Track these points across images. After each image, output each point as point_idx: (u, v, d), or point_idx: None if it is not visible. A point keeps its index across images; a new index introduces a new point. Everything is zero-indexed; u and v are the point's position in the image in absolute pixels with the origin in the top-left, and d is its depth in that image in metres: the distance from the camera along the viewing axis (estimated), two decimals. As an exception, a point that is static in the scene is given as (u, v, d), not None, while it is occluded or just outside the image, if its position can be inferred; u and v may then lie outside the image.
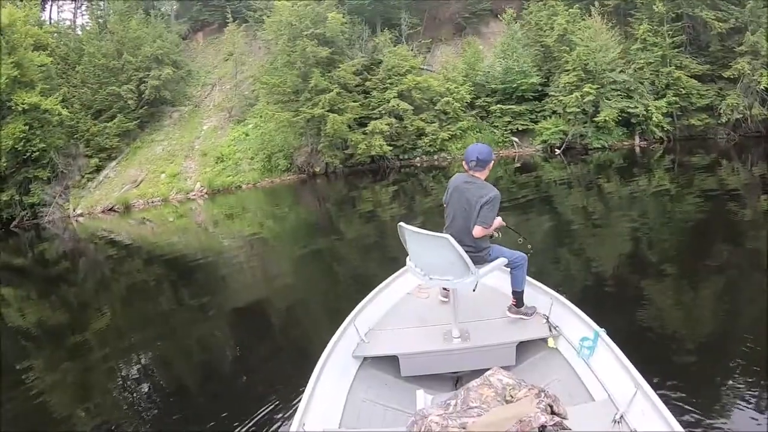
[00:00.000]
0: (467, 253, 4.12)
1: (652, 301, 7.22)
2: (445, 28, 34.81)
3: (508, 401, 3.08)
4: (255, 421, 5.22)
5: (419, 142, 27.93)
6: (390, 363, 4.54)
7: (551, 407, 2.97)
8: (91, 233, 23.79)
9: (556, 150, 26.13)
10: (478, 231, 4.35)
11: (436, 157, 28.00)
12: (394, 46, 29.44)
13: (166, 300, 11.77)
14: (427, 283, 4.74)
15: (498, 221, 4.69)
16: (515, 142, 27.79)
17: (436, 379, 4.52)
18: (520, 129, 27.68)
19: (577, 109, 25.02)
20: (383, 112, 27.26)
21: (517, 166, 24.29)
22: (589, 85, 24.59)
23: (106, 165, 30.68)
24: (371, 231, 15.39)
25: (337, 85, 26.87)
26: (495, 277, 5.15)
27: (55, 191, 28.09)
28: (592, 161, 23.39)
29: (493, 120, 28.37)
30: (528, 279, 4.85)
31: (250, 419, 5.25)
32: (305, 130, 27.29)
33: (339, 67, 27.37)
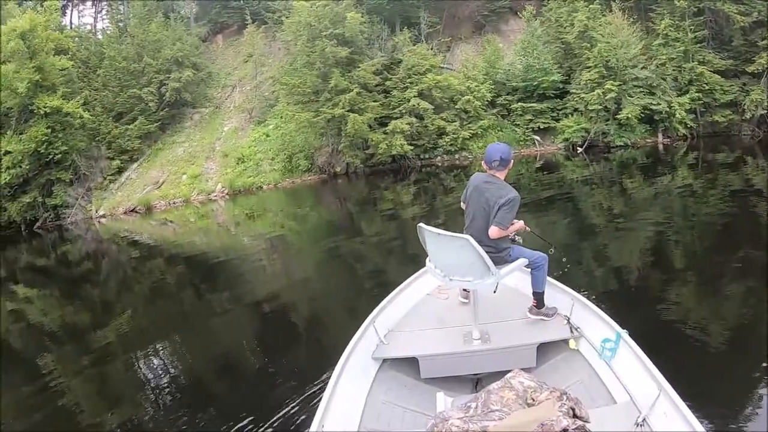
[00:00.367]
0: (487, 253, 4.08)
1: (675, 302, 7.10)
2: (464, 26, 34.67)
3: (529, 404, 3.04)
4: (274, 421, 5.21)
5: (440, 142, 27.82)
6: (409, 364, 4.50)
7: (573, 410, 2.93)
8: (113, 234, 24.06)
9: (578, 148, 25.84)
10: (494, 232, 4.30)
11: (457, 156, 27.84)
12: (414, 45, 29.42)
13: (188, 299, 11.87)
14: (447, 285, 4.70)
15: (519, 224, 4.64)
16: (537, 141, 27.58)
17: (455, 381, 4.47)
18: (541, 127, 27.47)
19: (599, 107, 24.78)
20: (403, 111, 27.21)
21: (538, 165, 24.08)
22: (611, 81, 24.35)
23: (127, 167, 31.05)
24: (392, 231, 15.36)
25: (357, 84, 26.88)
26: (515, 277, 5.11)
27: (77, 193, 28.46)
28: (614, 159, 23.12)
29: (514, 118, 28.23)
30: (549, 279, 4.79)
31: (269, 419, 5.24)
32: (326, 130, 27.36)
33: (359, 67, 27.39)
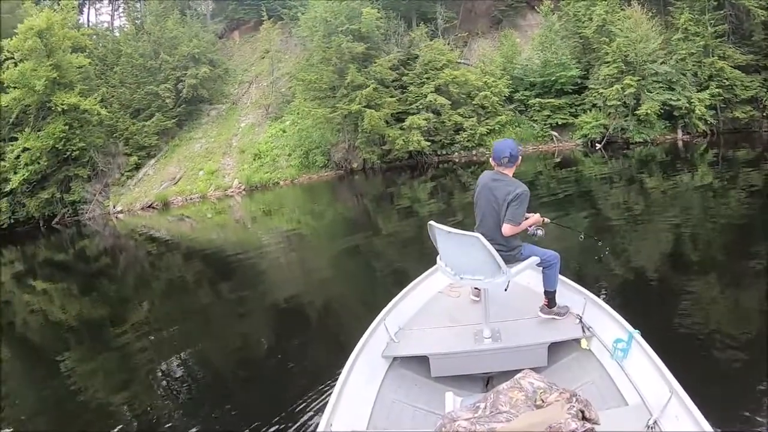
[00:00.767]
0: (498, 252, 4.06)
1: (690, 302, 6.96)
2: (481, 21, 34.48)
3: (538, 406, 3.02)
4: (283, 418, 5.21)
5: (457, 137, 27.65)
6: (420, 363, 4.48)
7: (582, 412, 2.90)
8: (130, 230, 24.32)
9: (597, 144, 25.54)
10: (506, 229, 4.25)
11: (474, 152, 27.56)
12: (431, 41, 29.22)
13: (204, 294, 11.97)
14: (458, 283, 4.67)
15: (535, 218, 4.60)
16: (555, 137, 27.33)
17: (466, 380, 4.45)
18: (559, 123, 27.18)
19: (618, 102, 24.47)
20: (420, 107, 27.10)
21: (557, 161, 23.88)
22: (630, 77, 24.04)
23: (145, 163, 31.32)
24: (409, 227, 15.30)
25: (374, 80, 26.81)
26: (527, 275, 5.07)
27: (95, 189, 28.82)
28: (633, 156, 22.81)
29: (532, 114, 27.98)
30: (561, 278, 4.75)
31: (279, 416, 5.25)
32: (342, 126, 27.38)
33: (375, 63, 27.31)
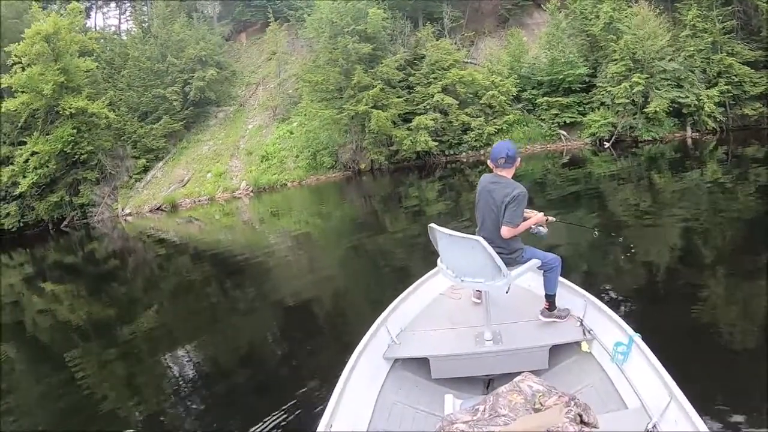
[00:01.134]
0: (499, 255, 4.05)
1: (694, 304, 6.79)
2: (487, 20, 34.43)
3: (536, 409, 3.02)
4: (283, 418, 5.21)
5: (465, 137, 27.66)
6: (420, 365, 4.48)
7: (581, 416, 2.89)
8: (139, 232, 24.43)
9: (606, 143, 25.39)
10: (505, 232, 4.24)
11: (482, 152, 27.32)
12: (437, 40, 29.24)
13: (211, 295, 11.99)
14: (458, 285, 4.67)
15: (537, 217, 4.59)
16: (563, 136, 27.18)
17: (467, 382, 4.44)
18: (567, 122, 27.05)
19: (626, 100, 24.33)
20: (427, 107, 27.13)
21: (565, 160, 23.74)
22: (638, 74, 23.87)
23: (153, 165, 31.53)
24: (417, 228, 15.18)
25: (381, 81, 26.83)
26: (529, 278, 5.06)
27: (103, 192, 29.05)
28: (642, 154, 22.63)
29: (539, 113, 27.84)
30: (562, 280, 4.72)
31: (279, 415, 5.25)
32: (349, 127, 27.40)
33: (381, 63, 27.31)
